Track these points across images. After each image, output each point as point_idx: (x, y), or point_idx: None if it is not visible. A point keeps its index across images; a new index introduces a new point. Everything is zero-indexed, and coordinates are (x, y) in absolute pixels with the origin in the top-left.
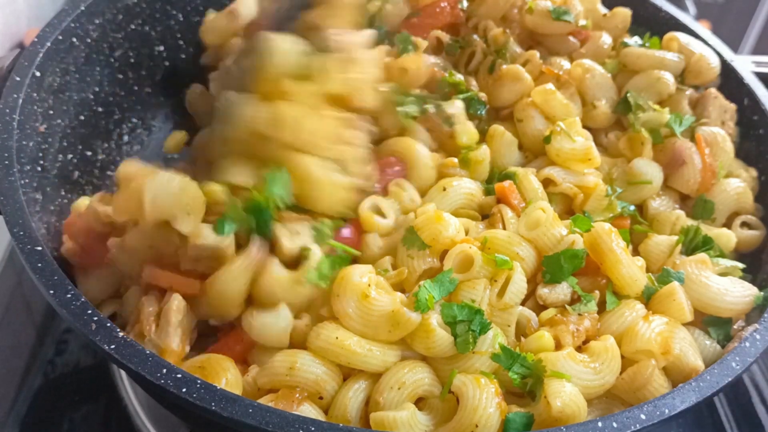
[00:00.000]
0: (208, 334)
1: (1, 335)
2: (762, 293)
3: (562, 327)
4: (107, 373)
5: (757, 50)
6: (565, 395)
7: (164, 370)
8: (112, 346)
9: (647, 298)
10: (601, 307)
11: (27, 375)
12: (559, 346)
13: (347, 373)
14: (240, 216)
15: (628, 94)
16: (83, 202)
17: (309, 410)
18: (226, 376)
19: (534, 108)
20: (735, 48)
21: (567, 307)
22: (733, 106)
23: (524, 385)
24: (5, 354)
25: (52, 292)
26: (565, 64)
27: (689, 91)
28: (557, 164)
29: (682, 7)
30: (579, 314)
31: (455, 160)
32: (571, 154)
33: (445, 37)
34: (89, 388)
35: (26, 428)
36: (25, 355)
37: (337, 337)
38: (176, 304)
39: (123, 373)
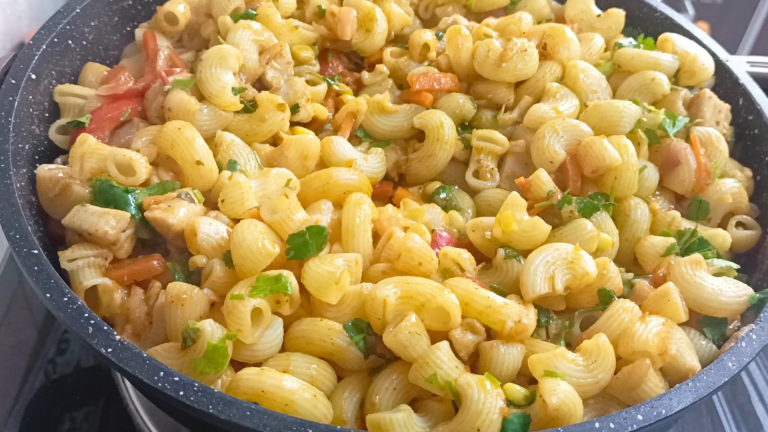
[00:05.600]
0: None
1: (2, 334)
2: (757, 293)
3: None
4: (108, 373)
5: (755, 51)
6: (561, 393)
7: (161, 373)
8: (110, 350)
9: None
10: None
11: (28, 374)
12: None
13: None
14: None
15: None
16: None
17: None
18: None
19: None
20: (733, 49)
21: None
22: (727, 106)
23: (525, 400)
24: (7, 353)
25: (48, 295)
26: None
27: (684, 92)
28: None
29: (681, 8)
30: None
31: None
32: None
33: None
34: (90, 387)
35: (27, 427)
36: (27, 355)
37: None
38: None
39: None
